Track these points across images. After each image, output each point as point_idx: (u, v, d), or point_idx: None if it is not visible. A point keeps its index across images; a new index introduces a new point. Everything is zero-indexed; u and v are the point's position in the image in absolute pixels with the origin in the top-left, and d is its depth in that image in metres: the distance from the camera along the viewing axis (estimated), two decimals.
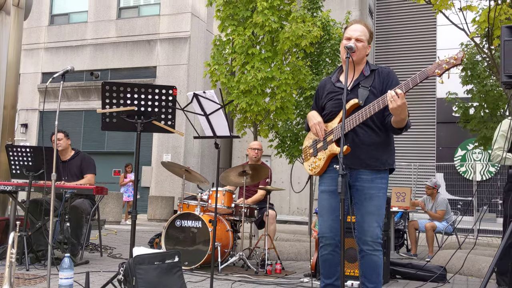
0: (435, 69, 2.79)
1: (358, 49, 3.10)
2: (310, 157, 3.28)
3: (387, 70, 3.19)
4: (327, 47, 11.17)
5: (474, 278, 5.62)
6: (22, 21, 6.42)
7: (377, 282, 3.08)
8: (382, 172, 3.13)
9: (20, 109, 18.00)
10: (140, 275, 3.21)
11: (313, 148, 3.26)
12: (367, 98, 3.05)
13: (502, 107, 11.25)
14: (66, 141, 5.75)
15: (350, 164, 3.07)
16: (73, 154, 5.81)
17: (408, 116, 2.96)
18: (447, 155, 18.56)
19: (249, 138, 11.09)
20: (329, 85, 3.27)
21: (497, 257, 3.17)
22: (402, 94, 2.80)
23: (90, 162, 5.79)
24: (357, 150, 3.06)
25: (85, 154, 5.86)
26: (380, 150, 3.11)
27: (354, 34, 3.12)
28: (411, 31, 19.58)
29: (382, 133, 3.12)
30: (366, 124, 3.07)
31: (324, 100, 3.25)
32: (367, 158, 3.08)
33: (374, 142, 3.09)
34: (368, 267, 3.07)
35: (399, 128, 3.01)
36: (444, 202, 7.78)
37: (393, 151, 3.22)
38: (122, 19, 17.74)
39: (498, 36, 6.72)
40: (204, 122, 4.05)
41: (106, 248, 6.61)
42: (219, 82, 9.26)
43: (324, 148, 3.16)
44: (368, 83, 3.12)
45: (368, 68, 3.20)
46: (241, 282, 4.65)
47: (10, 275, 3.27)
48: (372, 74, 3.17)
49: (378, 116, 3.08)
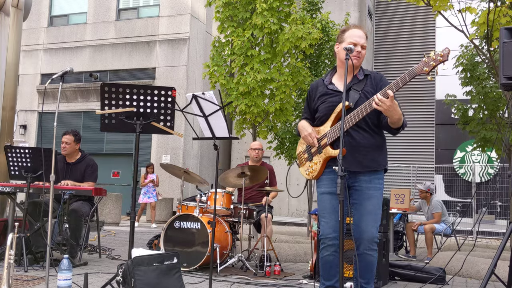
0: (423, 67, 2.84)
1: (362, 56, 3.18)
2: (305, 162, 3.31)
3: (379, 76, 3.26)
4: (326, 49, 11.17)
5: (473, 280, 5.61)
6: (21, 22, 6.42)
7: (369, 278, 3.15)
8: (378, 173, 3.18)
9: (19, 110, 17.99)
10: (138, 277, 3.21)
11: (307, 153, 3.30)
12: (357, 101, 3.10)
13: (501, 109, 11.25)
14: (74, 145, 5.66)
15: (348, 167, 3.10)
16: (79, 157, 5.74)
17: (403, 115, 3.00)
18: (446, 157, 18.57)
19: (248, 139, 11.11)
20: (322, 88, 3.30)
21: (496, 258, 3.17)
22: (392, 96, 2.85)
23: (94, 170, 5.70)
24: (355, 153, 3.10)
25: (90, 160, 5.76)
26: (376, 151, 3.16)
27: (360, 41, 3.17)
28: (410, 33, 19.60)
29: (376, 135, 3.18)
30: (360, 127, 3.11)
31: (316, 102, 3.28)
32: (365, 160, 3.12)
33: (370, 144, 3.14)
34: (363, 266, 3.11)
35: (396, 128, 3.05)
36: (439, 204, 7.79)
37: (386, 152, 3.28)
38: (121, 20, 17.75)
39: (497, 38, 6.73)
40: (203, 124, 4.05)
41: (104, 249, 6.60)
42: (218, 83, 9.26)
43: (319, 152, 3.20)
44: (360, 87, 3.18)
45: (362, 72, 3.26)
46: (240, 284, 4.65)
47: (8, 276, 3.26)
48: (365, 79, 3.22)
49: (372, 118, 3.13)
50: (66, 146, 5.61)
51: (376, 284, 4.78)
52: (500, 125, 11.14)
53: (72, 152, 5.67)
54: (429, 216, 7.88)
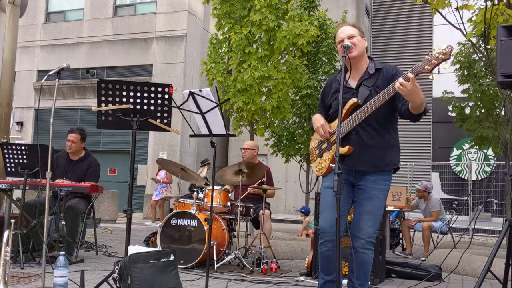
0: (425, 65, 2.78)
1: (355, 44, 3.09)
2: (316, 158, 3.31)
3: (392, 68, 3.16)
4: (324, 46, 11.19)
5: (469, 277, 5.63)
6: (18, 18, 6.39)
7: (363, 280, 3.13)
8: (386, 173, 3.16)
9: (15, 107, 17.91)
10: (135, 274, 3.20)
11: (318, 149, 3.30)
12: (366, 98, 3.04)
13: (498, 107, 11.29)
14: (80, 144, 5.65)
15: (355, 166, 3.10)
16: (83, 156, 5.72)
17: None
18: (442, 155, 18.60)
19: (245, 137, 11.09)
20: (335, 84, 3.26)
21: (492, 256, 3.18)
22: (413, 77, 2.75)
23: (96, 170, 5.68)
24: (362, 152, 3.07)
25: (93, 160, 5.73)
26: (384, 150, 3.12)
27: (343, 35, 3.13)
28: (407, 30, 19.62)
29: (386, 133, 3.13)
30: (370, 124, 3.07)
31: (330, 99, 3.27)
32: (373, 160, 3.09)
33: (378, 143, 3.10)
34: (357, 263, 3.10)
35: (418, 114, 2.94)
36: (438, 203, 7.81)
37: (397, 151, 3.21)
38: (118, 17, 17.70)
39: (494, 36, 6.73)
40: (200, 121, 4.04)
41: (101, 246, 6.60)
42: (216, 80, 9.24)
43: (328, 149, 3.18)
44: (371, 83, 3.12)
45: (374, 66, 3.19)
46: (236, 281, 4.65)
47: (4, 273, 3.25)
48: (376, 73, 3.15)
49: (383, 116, 3.08)
50: (72, 144, 5.59)
51: (373, 282, 4.79)
52: (497, 123, 11.17)
53: (77, 150, 5.66)
54: (427, 214, 7.89)
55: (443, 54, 2.73)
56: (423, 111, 2.91)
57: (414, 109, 2.90)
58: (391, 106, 3.07)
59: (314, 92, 11.25)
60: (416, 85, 2.76)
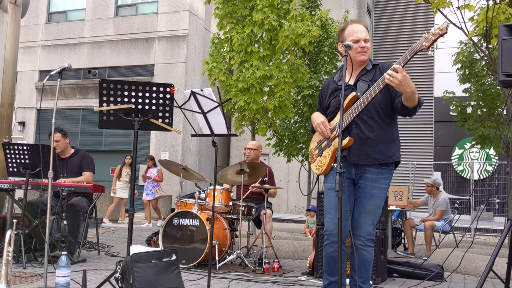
0: (423, 42, 2.83)
1: (368, 49, 3.17)
2: (316, 158, 3.31)
3: (388, 64, 3.22)
4: (326, 46, 11.17)
5: (471, 277, 5.63)
6: (19, 18, 6.41)
7: (365, 277, 3.15)
8: (387, 171, 3.17)
9: (17, 107, 17.95)
10: (137, 273, 3.20)
11: (318, 149, 3.30)
12: (365, 92, 3.07)
13: (499, 106, 11.26)
14: (64, 141, 5.69)
15: (357, 160, 3.11)
16: (73, 152, 5.77)
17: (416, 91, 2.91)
18: (444, 154, 18.58)
19: (247, 136, 11.10)
20: (332, 85, 3.31)
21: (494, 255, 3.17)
22: (401, 68, 2.81)
23: (90, 161, 5.74)
24: (363, 145, 3.09)
25: (85, 153, 5.81)
26: (386, 143, 3.14)
27: (362, 35, 3.16)
28: (409, 30, 19.59)
29: (387, 126, 3.15)
30: (371, 117, 3.09)
31: (328, 99, 3.29)
32: (374, 153, 3.10)
33: (379, 136, 3.11)
34: (358, 261, 3.13)
35: (413, 107, 2.97)
36: (445, 203, 7.77)
37: (398, 144, 3.24)
38: (119, 17, 17.70)
39: (496, 35, 6.72)
40: (202, 120, 4.04)
41: (103, 246, 6.60)
42: (217, 80, 9.24)
43: (329, 145, 3.19)
44: (369, 77, 3.16)
45: (370, 63, 3.26)
46: (238, 281, 4.65)
47: (7, 273, 3.26)
48: (373, 69, 3.21)
49: (384, 109, 3.11)
50: (58, 144, 5.62)
51: (375, 281, 4.79)
52: (499, 122, 11.15)
53: (65, 148, 5.70)
54: (433, 211, 7.86)
55: (439, 29, 2.80)
56: (417, 103, 2.94)
57: (407, 101, 2.93)
58: (391, 99, 3.10)
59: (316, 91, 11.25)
60: (405, 75, 2.80)
